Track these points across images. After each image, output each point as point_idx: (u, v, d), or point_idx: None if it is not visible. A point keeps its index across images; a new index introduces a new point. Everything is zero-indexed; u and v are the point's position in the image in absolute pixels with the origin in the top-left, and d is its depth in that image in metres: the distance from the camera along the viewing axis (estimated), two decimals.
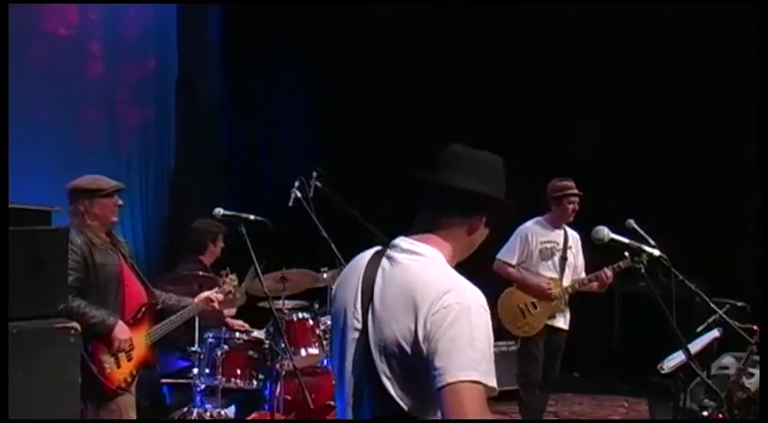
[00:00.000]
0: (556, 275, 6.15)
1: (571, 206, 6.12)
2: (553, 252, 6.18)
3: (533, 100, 8.66)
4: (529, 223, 6.23)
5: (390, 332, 2.17)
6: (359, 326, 2.25)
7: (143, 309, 4.70)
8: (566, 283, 6.16)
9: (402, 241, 2.30)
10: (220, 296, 5.20)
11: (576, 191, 6.12)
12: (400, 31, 8.79)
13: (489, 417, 2.07)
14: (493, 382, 2.10)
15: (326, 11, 8.67)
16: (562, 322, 6.20)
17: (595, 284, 6.11)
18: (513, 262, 6.17)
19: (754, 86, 7.30)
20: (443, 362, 2.06)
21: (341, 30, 8.69)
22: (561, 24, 8.43)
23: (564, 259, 6.17)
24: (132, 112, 8.54)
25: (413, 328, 2.13)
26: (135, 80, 8.53)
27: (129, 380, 4.60)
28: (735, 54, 7.79)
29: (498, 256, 6.22)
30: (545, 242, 6.18)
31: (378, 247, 2.36)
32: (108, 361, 4.50)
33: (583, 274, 6.24)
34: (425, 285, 2.16)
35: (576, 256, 6.23)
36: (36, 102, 7.44)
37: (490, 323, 2.17)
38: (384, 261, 2.28)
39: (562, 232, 6.21)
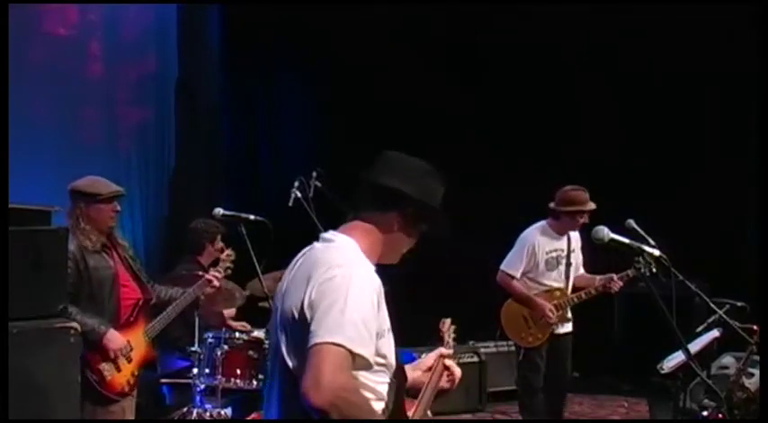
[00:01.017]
0: (562, 285, 6.03)
1: (582, 220, 5.87)
2: (559, 261, 6.02)
3: (533, 100, 8.66)
4: (533, 232, 6.02)
5: (288, 306, 2.31)
6: (277, 309, 2.41)
7: (136, 307, 4.68)
8: (569, 289, 6.06)
9: (327, 233, 2.47)
10: (220, 273, 5.16)
11: (589, 208, 5.85)
12: (400, 31, 8.78)
13: (342, 379, 2.12)
14: (360, 350, 2.17)
15: (326, 11, 8.67)
16: (567, 328, 6.11)
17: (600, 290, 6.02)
18: (518, 275, 5.97)
19: (754, 86, 7.30)
20: (315, 326, 2.18)
21: (341, 30, 8.69)
22: (561, 24, 8.42)
23: (569, 265, 6.05)
24: (132, 112, 8.54)
25: (302, 297, 2.26)
26: (135, 80, 8.52)
27: (132, 382, 4.59)
28: (735, 54, 7.79)
29: (502, 267, 6.03)
30: (551, 251, 6.00)
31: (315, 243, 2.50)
32: (107, 368, 4.47)
33: (581, 270, 6.15)
34: (320, 263, 2.31)
35: (577, 257, 6.13)
36: (36, 102, 7.44)
37: (373, 301, 2.26)
38: (307, 252, 2.44)
39: (564, 239, 6.05)
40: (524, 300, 5.98)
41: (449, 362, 2.79)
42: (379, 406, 2.31)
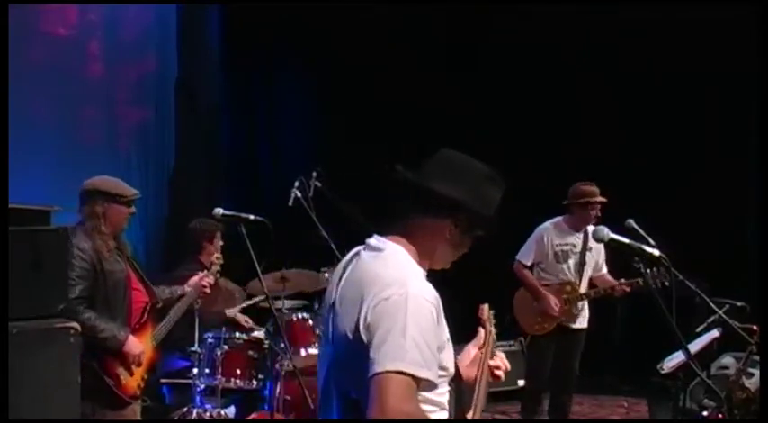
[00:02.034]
0: (572, 278, 6.18)
1: (593, 213, 6.06)
2: (569, 255, 6.17)
3: (533, 100, 8.65)
4: (546, 224, 6.24)
5: (342, 325, 2.22)
6: (328, 322, 2.32)
7: (145, 311, 4.67)
8: (583, 286, 6.19)
9: (372, 239, 2.35)
10: (211, 278, 5.14)
11: (600, 199, 6.07)
12: (400, 31, 8.78)
13: (409, 409, 2.04)
14: (424, 373, 2.09)
15: (326, 11, 8.66)
16: (577, 323, 6.24)
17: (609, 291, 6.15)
18: (528, 263, 6.21)
19: (754, 86, 7.30)
20: (375, 352, 2.08)
21: (341, 30, 8.69)
22: (561, 24, 8.42)
23: (582, 264, 6.18)
24: (132, 112, 8.54)
25: (357, 318, 2.16)
26: (135, 80, 8.53)
27: (142, 385, 4.59)
28: (735, 54, 7.79)
29: (517, 255, 6.26)
30: (561, 244, 6.18)
31: (359, 247, 2.40)
32: (122, 372, 4.44)
33: (604, 270, 6.26)
34: (373, 278, 2.20)
35: (598, 256, 6.25)
36: (36, 102, 7.44)
37: (433, 315, 2.17)
38: (354, 260, 2.35)
39: (581, 235, 6.18)
40: (532, 289, 6.20)
41: (496, 356, 2.69)
42: (442, 416, 2.26)
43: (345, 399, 2.22)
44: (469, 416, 2.50)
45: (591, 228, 6.11)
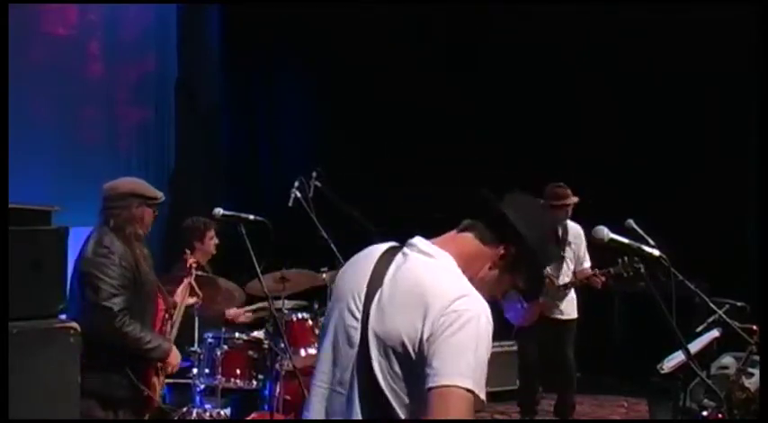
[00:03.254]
0: (551, 273, 6.32)
1: (563, 214, 6.32)
2: None
3: (533, 100, 8.65)
4: None
5: (393, 327, 2.14)
6: (359, 315, 2.21)
7: (164, 319, 4.65)
8: (562, 279, 6.38)
9: (419, 241, 2.28)
10: (191, 278, 5.12)
11: (567, 201, 6.31)
12: (400, 31, 8.78)
13: None
14: (483, 395, 2.08)
15: (326, 11, 8.66)
16: (563, 314, 6.43)
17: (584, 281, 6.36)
18: None
19: (754, 86, 7.29)
20: (441, 363, 2.05)
21: (341, 30, 8.69)
22: (561, 24, 8.42)
23: (561, 258, 6.33)
24: (132, 112, 8.55)
25: (419, 326, 2.10)
26: (135, 80, 8.53)
27: (161, 391, 4.62)
28: (735, 54, 7.79)
29: None
30: None
31: (392, 243, 2.33)
32: (156, 381, 4.44)
33: (586, 264, 6.43)
34: (437, 286, 2.14)
35: (577, 248, 6.44)
36: (36, 102, 7.45)
37: (491, 337, 2.17)
38: (399, 257, 2.26)
39: (559, 230, 6.34)
40: None
41: None
42: None
43: (380, 405, 2.14)
44: None
45: (572, 224, 6.43)
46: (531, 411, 6.68)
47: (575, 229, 6.42)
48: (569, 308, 6.48)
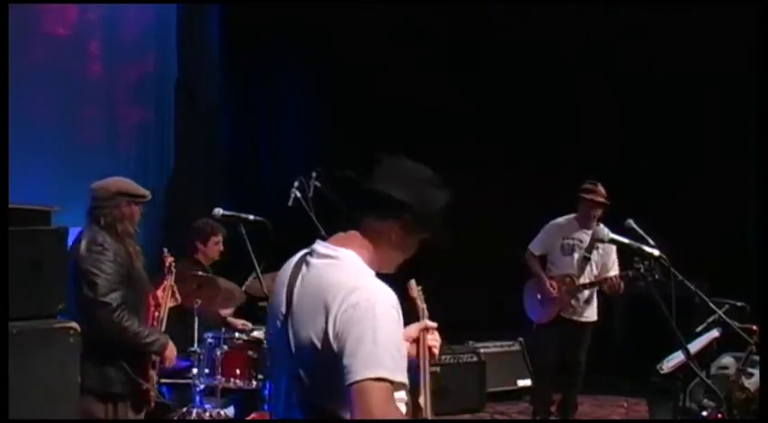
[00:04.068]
0: (574, 272, 6.37)
1: (592, 213, 6.31)
2: (574, 249, 6.42)
3: (533, 100, 8.65)
4: (559, 219, 6.54)
5: (306, 334, 2.23)
6: (282, 329, 2.32)
7: (155, 313, 4.69)
8: (583, 280, 6.39)
9: (319, 246, 2.38)
10: (171, 279, 5.10)
11: (600, 200, 6.29)
12: (400, 31, 8.78)
13: (394, 413, 2.13)
14: (400, 378, 2.15)
15: (326, 11, 8.66)
16: (582, 316, 6.46)
17: (606, 287, 6.32)
18: (537, 253, 6.54)
19: (754, 86, 7.29)
20: (350, 360, 2.12)
21: (341, 30, 8.68)
22: (561, 24, 8.42)
23: (586, 259, 6.37)
24: (132, 112, 8.55)
25: (324, 327, 2.18)
26: (135, 80, 8.53)
27: (156, 386, 4.63)
28: (735, 54, 7.79)
29: (529, 245, 6.58)
30: (568, 238, 6.45)
31: (302, 252, 2.43)
32: (152, 375, 4.48)
33: (612, 273, 6.36)
34: (335, 286, 2.22)
35: (606, 255, 6.40)
36: (36, 102, 7.45)
37: (399, 319, 2.22)
38: (303, 267, 2.36)
39: (590, 232, 6.35)
40: (534, 273, 6.52)
41: (432, 333, 2.72)
42: (404, 409, 2.30)
43: (316, 409, 2.24)
44: (421, 400, 2.55)
45: (603, 230, 6.25)
46: (545, 412, 6.69)
47: (604, 233, 6.31)
48: (589, 311, 6.50)
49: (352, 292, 2.18)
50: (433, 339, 2.72)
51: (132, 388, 4.30)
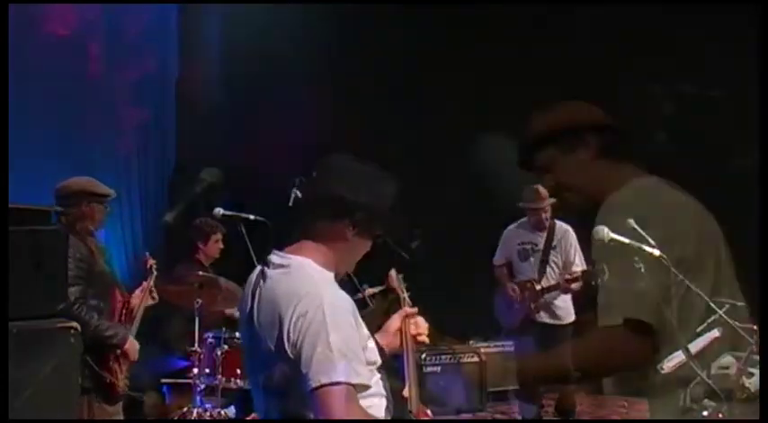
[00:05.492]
0: (534, 276, 6.24)
1: (535, 218, 6.19)
2: (529, 253, 6.30)
3: (533, 100, 8.63)
4: (511, 225, 6.43)
5: (266, 347, 2.24)
6: (252, 345, 2.34)
7: (122, 311, 4.73)
8: (545, 283, 6.23)
9: (274, 256, 2.38)
10: (150, 281, 5.11)
11: (537, 205, 6.10)
12: (400, 32, 8.78)
13: (357, 415, 2.13)
14: (357, 379, 2.15)
15: (326, 11, 8.66)
16: (552, 318, 6.28)
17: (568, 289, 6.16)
18: (498, 263, 6.45)
19: (754, 86, 7.29)
20: (306, 368, 2.13)
21: (341, 30, 8.68)
22: (561, 24, 8.42)
23: (544, 262, 6.23)
24: (132, 112, 8.54)
25: (281, 338, 2.19)
26: (135, 80, 8.53)
27: (128, 382, 4.65)
28: (734, 54, 7.78)
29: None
30: (522, 243, 6.33)
31: (260, 266, 2.42)
32: (116, 368, 4.52)
33: (578, 265, 6.18)
34: (285, 296, 2.22)
35: (567, 253, 6.23)
36: (36, 102, 7.45)
37: (350, 318, 2.22)
38: (260, 280, 2.35)
39: (543, 234, 6.24)
40: (498, 282, 6.43)
41: (414, 319, 2.73)
42: (383, 403, 2.31)
43: (290, 416, 2.25)
44: (405, 391, 2.55)
45: (558, 225, 6.23)
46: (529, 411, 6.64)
47: (560, 230, 6.23)
48: (563, 313, 6.29)
49: (300, 300, 2.19)
50: (417, 326, 2.73)
51: (97, 382, 4.38)
